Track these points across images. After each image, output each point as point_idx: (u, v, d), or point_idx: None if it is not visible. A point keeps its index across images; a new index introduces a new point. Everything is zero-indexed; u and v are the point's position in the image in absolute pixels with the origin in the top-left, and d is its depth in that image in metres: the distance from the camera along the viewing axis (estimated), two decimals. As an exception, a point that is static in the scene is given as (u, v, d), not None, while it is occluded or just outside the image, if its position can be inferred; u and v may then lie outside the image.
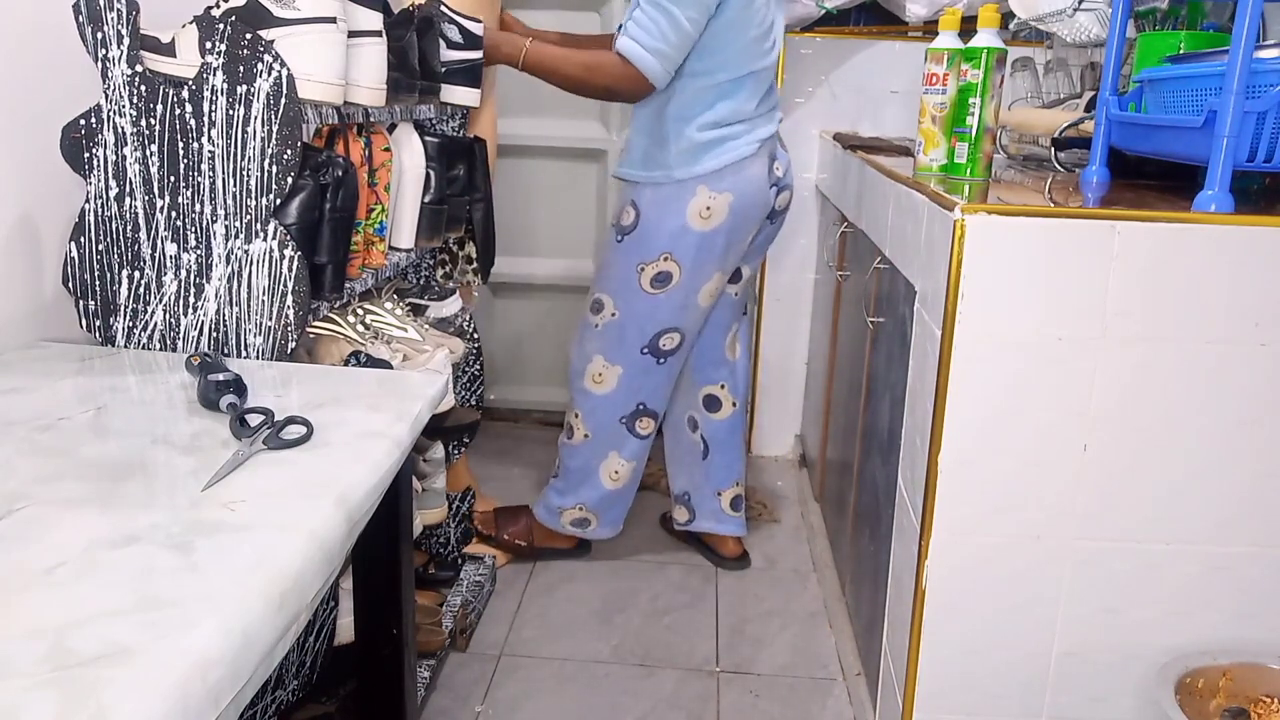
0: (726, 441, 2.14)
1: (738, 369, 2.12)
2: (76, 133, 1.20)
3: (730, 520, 2.17)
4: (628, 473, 2.03)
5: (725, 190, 1.79)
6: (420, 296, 1.76)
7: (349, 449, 0.94)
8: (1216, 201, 1.13)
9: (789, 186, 1.96)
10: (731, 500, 2.16)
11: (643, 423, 1.99)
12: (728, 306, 2.04)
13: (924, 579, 1.25)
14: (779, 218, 1.98)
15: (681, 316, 1.89)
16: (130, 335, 1.25)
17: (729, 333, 2.07)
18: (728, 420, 2.12)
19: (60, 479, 0.83)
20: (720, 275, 1.88)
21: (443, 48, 1.64)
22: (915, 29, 2.49)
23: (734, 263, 1.91)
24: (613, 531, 2.12)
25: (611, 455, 2.01)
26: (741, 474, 2.17)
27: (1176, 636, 1.26)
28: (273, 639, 0.68)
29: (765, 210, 1.88)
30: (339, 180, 1.24)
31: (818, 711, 1.72)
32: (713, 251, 1.83)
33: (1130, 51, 1.64)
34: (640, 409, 1.97)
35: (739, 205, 1.81)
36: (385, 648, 1.24)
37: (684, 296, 1.86)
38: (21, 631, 0.61)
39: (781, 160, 1.92)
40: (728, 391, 2.10)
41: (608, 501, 2.06)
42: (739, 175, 1.80)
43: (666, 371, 1.96)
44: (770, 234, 2.01)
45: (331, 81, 1.24)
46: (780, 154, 1.92)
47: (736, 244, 1.87)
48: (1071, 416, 1.19)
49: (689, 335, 1.94)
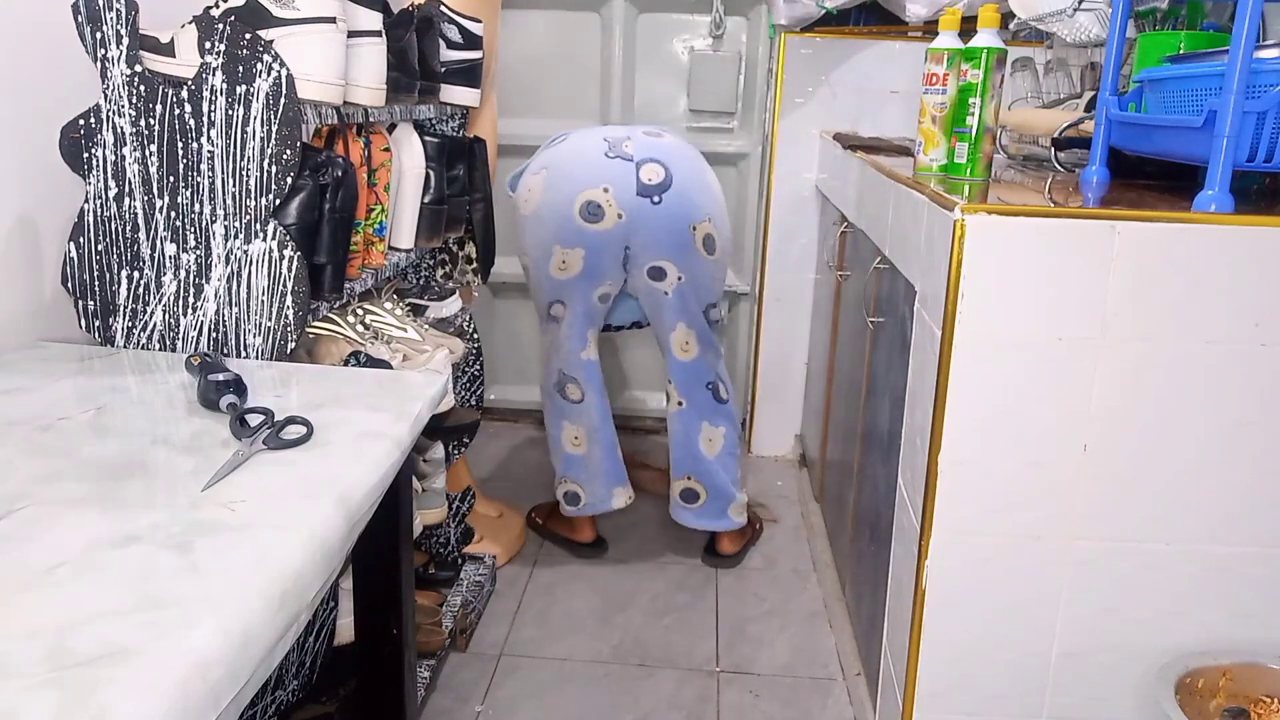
0: (674, 434, 2.17)
1: (686, 368, 2.11)
2: (75, 133, 1.20)
3: (683, 511, 2.20)
4: (585, 437, 2.14)
5: (541, 169, 1.99)
6: (420, 296, 1.76)
7: (349, 449, 0.94)
8: (1216, 201, 1.13)
9: (656, 161, 1.93)
10: (681, 492, 2.19)
11: (569, 389, 2.12)
12: (663, 305, 2.04)
13: (924, 579, 1.25)
14: (660, 195, 1.92)
15: (552, 288, 2.03)
16: (130, 335, 1.25)
17: (672, 330, 2.07)
18: (676, 413, 2.15)
19: (60, 479, 0.83)
20: (561, 249, 1.95)
21: (443, 48, 1.64)
22: (915, 29, 2.49)
23: (575, 235, 1.93)
24: (603, 505, 2.16)
25: (564, 424, 2.14)
26: (695, 469, 2.15)
27: (1176, 636, 1.26)
28: (273, 639, 0.68)
29: (595, 175, 1.92)
30: (338, 180, 1.24)
31: (818, 711, 1.72)
32: (541, 227, 1.96)
33: (1130, 51, 1.64)
34: (561, 375, 2.11)
35: (552, 178, 1.95)
36: (385, 648, 1.24)
37: (540, 274, 2.02)
38: (21, 631, 0.61)
39: (638, 141, 1.97)
40: (674, 388, 2.14)
41: (579, 467, 2.15)
42: (554, 154, 2.00)
43: (565, 337, 2.08)
44: (661, 218, 1.93)
45: (331, 81, 1.24)
46: (638, 137, 1.98)
47: (562, 216, 1.92)
48: (1071, 416, 1.19)
49: (571, 305, 2.04)
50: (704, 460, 2.14)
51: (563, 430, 2.15)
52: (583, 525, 2.24)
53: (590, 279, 1.99)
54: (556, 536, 2.28)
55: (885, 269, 1.60)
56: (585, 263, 1.96)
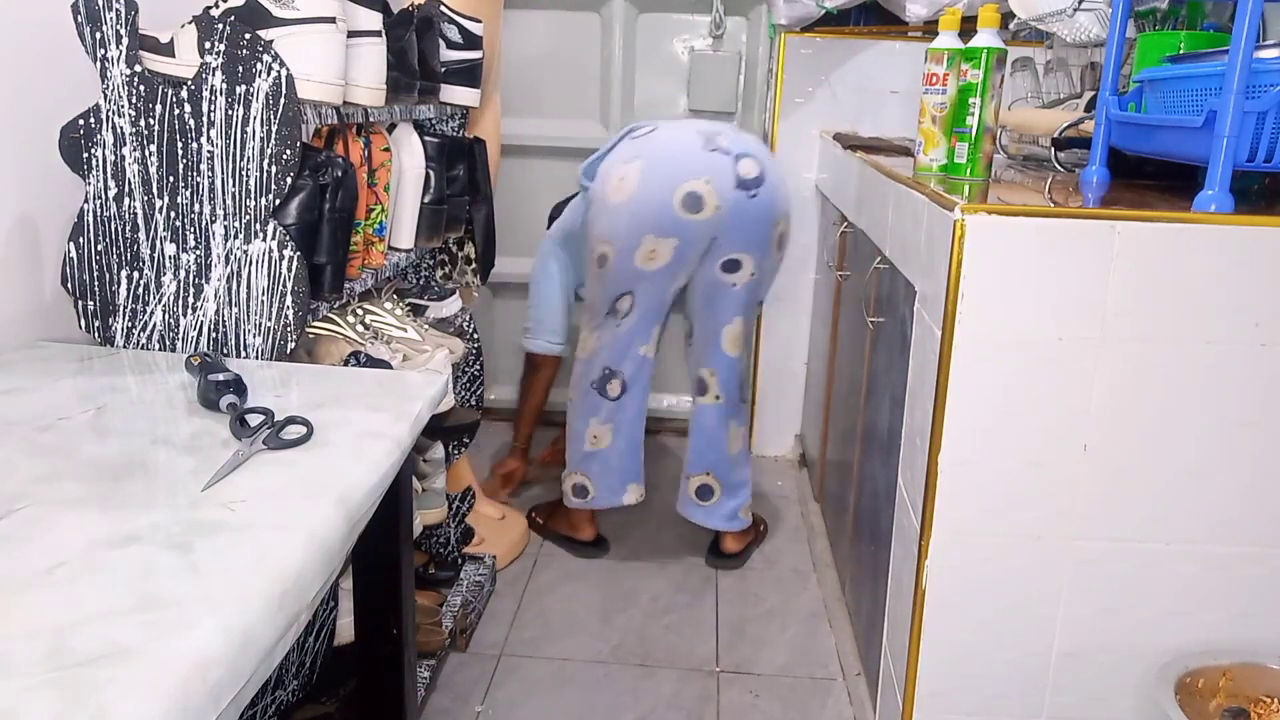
0: (703, 428, 2.16)
1: (732, 364, 2.11)
2: (75, 133, 1.20)
3: (696, 508, 2.19)
4: (607, 435, 2.13)
5: (635, 158, 1.94)
6: (420, 297, 1.76)
7: (349, 449, 0.94)
8: (1216, 201, 1.13)
9: (751, 155, 1.94)
10: (697, 489, 2.18)
11: (611, 385, 2.11)
12: (726, 297, 2.04)
13: (924, 579, 1.25)
14: (756, 189, 1.93)
15: (627, 279, 2.00)
16: (129, 335, 1.25)
17: (728, 324, 2.08)
18: (711, 407, 2.14)
19: (60, 479, 0.83)
20: (654, 238, 1.92)
21: (442, 48, 1.64)
22: (915, 29, 2.49)
23: (672, 225, 1.91)
24: (612, 498, 2.16)
25: (591, 422, 2.13)
26: (718, 466, 2.16)
27: (1176, 636, 1.26)
28: (273, 639, 0.68)
29: (698, 166, 1.91)
30: (338, 180, 1.24)
31: (818, 711, 1.72)
32: (635, 215, 1.92)
33: (1130, 51, 1.64)
34: (607, 372, 2.10)
35: (649, 169, 1.91)
36: (385, 648, 1.24)
37: (623, 264, 1.98)
38: (21, 631, 0.61)
39: (730, 135, 1.97)
40: (716, 381, 2.13)
41: (593, 463, 2.14)
42: (648, 145, 1.96)
43: (626, 333, 2.07)
44: (754, 210, 1.94)
45: (331, 81, 1.24)
46: (729, 132, 1.99)
47: (662, 205, 1.90)
48: (1071, 416, 1.19)
49: (641, 297, 2.02)
50: (728, 457, 2.16)
51: (587, 427, 2.14)
52: (584, 523, 2.24)
53: (674, 269, 1.99)
54: (557, 535, 2.28)
55: (885, 269, 1.60)
56: (675, 253, 1.95)
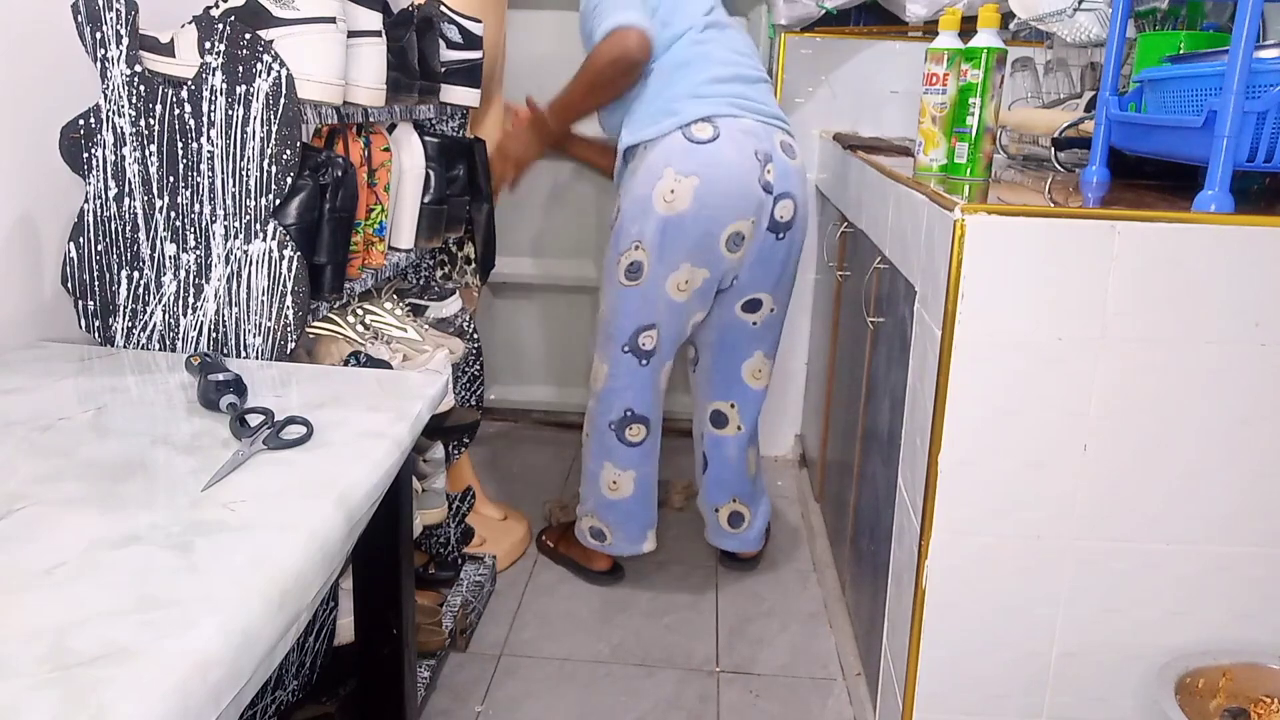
0: (725, 459, 2.10)
1: (757, 397, 2.07)
2: (75, 133, 1.20)
3: (729, 537, 2.16)
4: (627, 483, 2.00)
5: (691, 174, 1.78)
6: (420, 297, 1.76)
7: (349, 449, 0.94)
8: (1216, 201, 1.13)
9: (790, 196, 1.86)
10: (729, 517, 2.14)
11: (632, 430, 1.97)
12: (744, 334, 1.99)
13: (924, 579, 1.25)
14: (785, 233, 1.88)
15: (654, 310, 1.88)
16: (129, 335, 1.25)
17: (747, 359, 2.03)
18: (732, 439, 2.08)
19: (60, 479, 0.83)
20: (690, 267, 1.83)
21: (443, 48, 1.64)
22: (915, 29, 2.49)
23: (710, 259, 1.83)
24: (631, 547, 2.07)
25: (607, 465, 2.00)
26: (742, 491, 2.12)
27: (1176, 636, 1.26)
28: (273, 639, 0.68)
29: (748, 206, 1.81)
30: (338, 180, 1.24)
31: (818, 711, 1.72)
32: (678, 238, 1.81)
33: (1130, 51, 1.64)
34: (629, 415, 1.96)
35: (705, 191, 1.78)
36: (385, 648, 1.24)
37: (653, 286, 1.85)
38: (21, 631, 0.61)
39: (778, 166, 1.85)
40: (736, 411, 2.07)
41: (612, 511, 2.04)
42: (707, 161, 1.79)
43: (650, 374, 1.94)
44: (778, 253, 1.91)
45: (331, 81, 1.24)
46: (778, 160, 1.85)
47: (708, 235, 1.81)
48: (1071, 416, 1.19)
49: (665, 333, 1.91)
50: (749, 483, 2.13)
51: (604, 470, 2.01)
52: (600, 555, 2.14)
53: (696, 305, 1.90)
54: (570, 562, 2.18)
55: (885, 269, 1.60)
56: (704, 284, 1.87)
